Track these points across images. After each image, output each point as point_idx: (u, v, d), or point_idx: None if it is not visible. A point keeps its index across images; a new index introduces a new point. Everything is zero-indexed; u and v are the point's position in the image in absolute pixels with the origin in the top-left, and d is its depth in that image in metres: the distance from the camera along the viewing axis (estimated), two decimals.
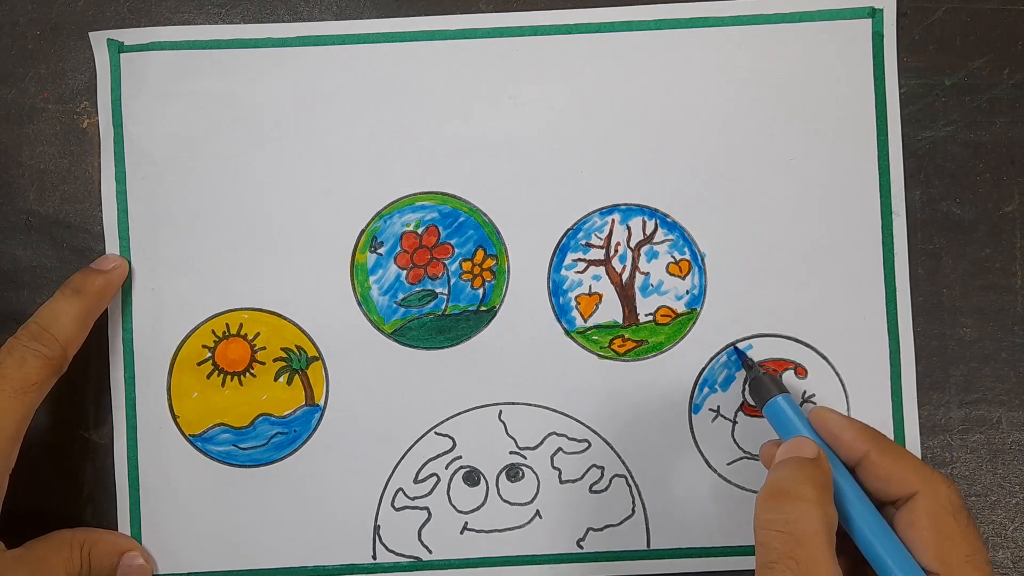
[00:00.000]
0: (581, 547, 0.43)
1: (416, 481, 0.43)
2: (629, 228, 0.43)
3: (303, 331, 0.43)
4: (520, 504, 0.43)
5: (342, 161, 0.43)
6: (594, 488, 0.43)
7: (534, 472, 0.43)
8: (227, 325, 0.43)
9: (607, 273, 0.43)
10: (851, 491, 0.36)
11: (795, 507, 0.33)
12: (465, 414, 0.43)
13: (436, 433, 0.43)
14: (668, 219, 0.43)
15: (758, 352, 0.43)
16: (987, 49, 0.43)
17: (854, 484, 0.36)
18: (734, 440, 0.43)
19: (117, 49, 0.43)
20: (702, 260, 0.43)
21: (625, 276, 0.43)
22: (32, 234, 0.43)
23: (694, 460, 0.43)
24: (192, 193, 0.43)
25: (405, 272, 0.43)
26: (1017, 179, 0.43)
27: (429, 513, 0.43)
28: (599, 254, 0.43)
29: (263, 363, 0.43)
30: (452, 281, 0.43)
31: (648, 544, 0.43)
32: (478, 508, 0.43)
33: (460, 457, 0.43)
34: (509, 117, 0.43)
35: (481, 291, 0.43)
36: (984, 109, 0.43)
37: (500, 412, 0.43)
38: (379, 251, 0.43)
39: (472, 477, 0.43)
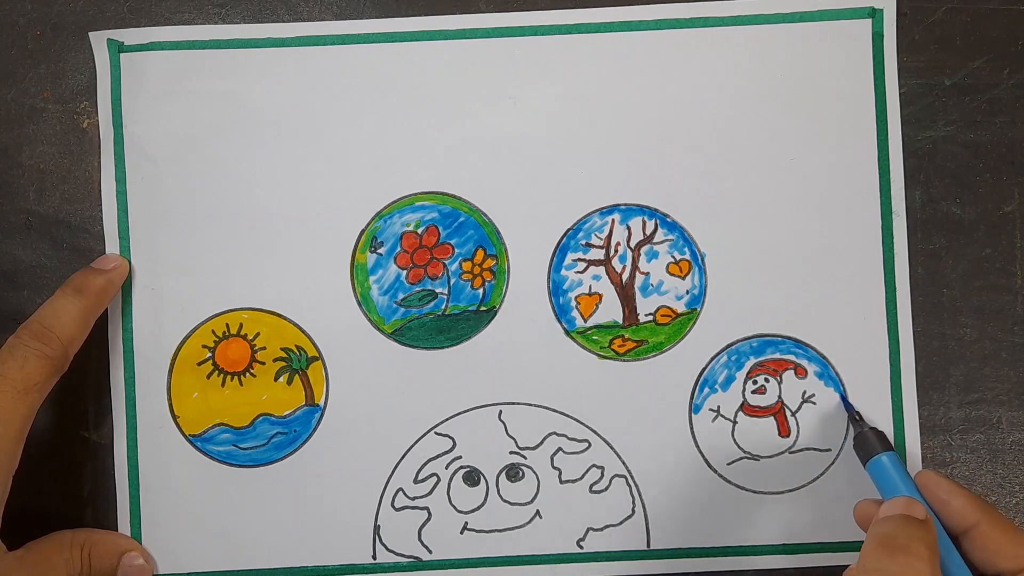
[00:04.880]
0: (581, 547, 0.43)
1: (416, 481, 0.43)
2: (629, 228, 0.43)
3: (303, 331, 0.43)
4: (520, 504, 0.43)
5: (342, 161, 0.43)
6: (594, 488, 0.43)
7: (534, 472, 0.43)
8: (227, 325, 0.43)
9: (607, 273, 0.43)
10: (953, 560, 0.35)
11: (908, 562, 0.33)
12: (465, 414, 0.43)
13: (436, 433, 0.43)
14: (668, 219, 0.43)
15: (758, 352, 0.43)
16: (987, 49, 0.43)
17: (955, 552, 0.36)
18: (734, 440, 0.43)
19: (117, 49, 0.43)
20: (702, 260, 0.43)
21: (625, 276, 0.43)
22: (32, 234, 0.43)
23: (694, 460, 0.43)
24: (192, 193, 0.43)
25: (405, 272, 0.43)
26: (1017, 179, 0.43)
27: (429, 513, 0.43)
28: (599, 254, 0.43)
29: (263, 363, 0.43)
30: (452, 281, 0.43)
31: (648, 544, 0.43)
32: (478, 508, 0.43)
33: (460, 457, 0.43)
34: (509, 117, 0.43)
35: (481, 291, 0.43)
36: (984, 109, 0.43)
37: (500, 412, 0.43)
38: (379, 251, 0.43)
39: (472, 477, 0.43)
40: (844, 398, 0.43)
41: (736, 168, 0.43)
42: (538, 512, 0.43)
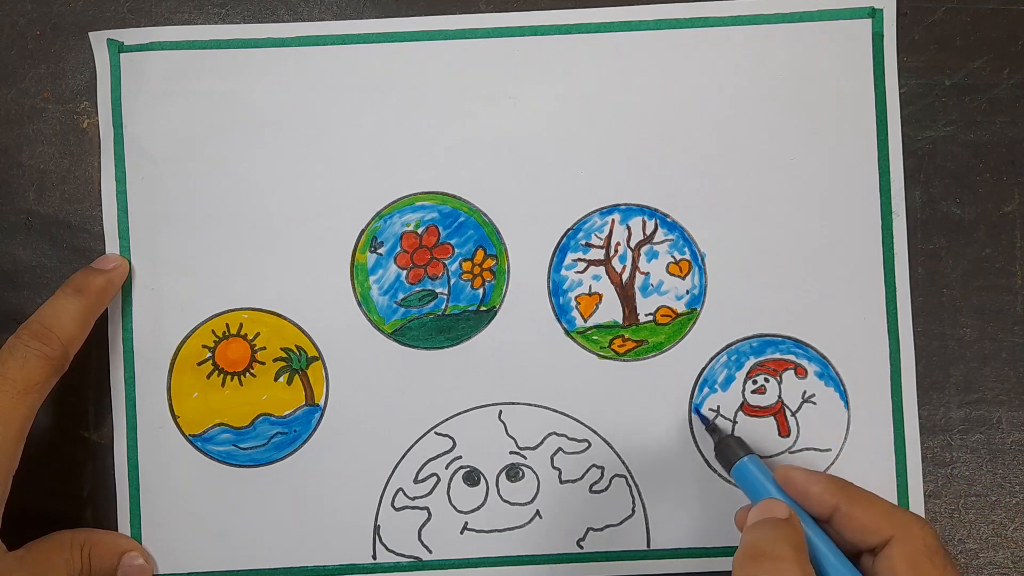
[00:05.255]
0: (581, 547, 0.43)
1: (416, 481, 0.43)
2: (629, 228, 0.43)
3: (303, 331, 0.43)
4: (520, 504, 0.43)
5: (342, 161, 0.43)
6: (594, 488, 0.43)
7: (534, 472, 0.43)
8: (227, 325, 0.43)
9: (607, 273, 0.43)
10: (825, 547, 0.36)
11: (774, 567, 0.33)
12: (465, 414, 0.43)
13: (436, 433, 0.43)
14: (668, 219, 0.43)
15: (758, 352, 0.43)
16: (987, 49, 0.43)
17: (827, 539, 0.36)
18: None
19: (117, 49, 0.43)
20: (702, 260, 0.43)
21: (625, 276, 0.43)
22: (32, 234, 0.43)
23: (694, 460, 0.43)
24: (192, 193, 0.43)
25: (405, 272, 0.43)
26: (1017, 179, 0.43)
27: (429, 513, 0.43)
28: (599, 254, 0.43)
29: (263, 363, 0.43)
30: (452, 281, 0.43)
31: (648, 544, 0.43)
32: (478, 508, 0.43)
33: (460, 457, 0.43)
34: (509, 117, 0.43)
35: (481, 291, 0.43)
36: (984, 109, 0.43)
37: (500, 412, 0.43)
38: (379, 251, 0.43)
39: (472, 477, 0.43)
40: (698, 410, 0.43)
41: (736, 168, 0.43)
42: (538, 512, 0.43)
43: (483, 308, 0.43)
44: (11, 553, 0.38)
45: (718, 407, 0.43)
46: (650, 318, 0.43)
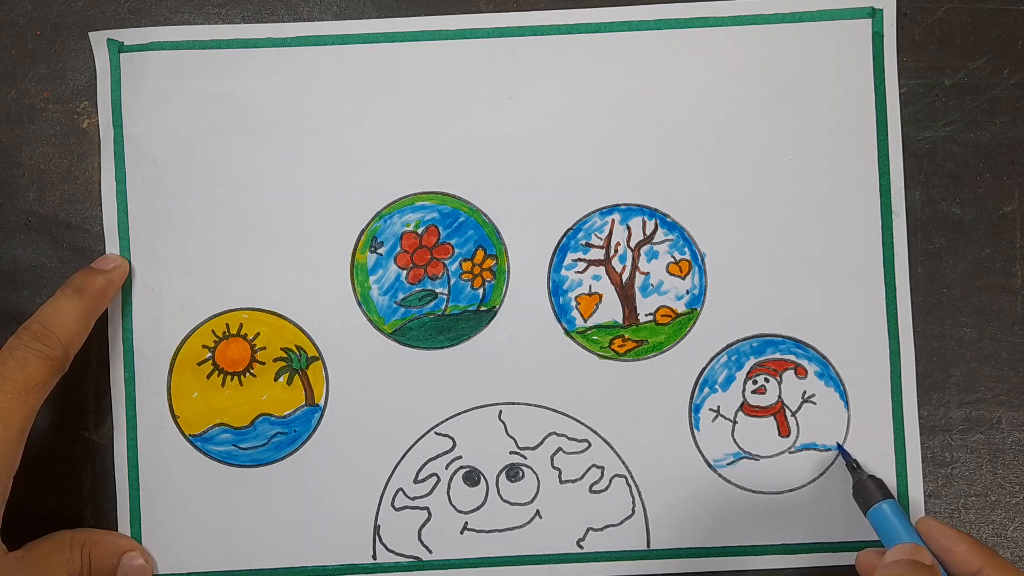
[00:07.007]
0: (581, 547, 0.43)
1: (416, 481, 0.43)
2: (629, 228, 0.43)
3: (303, 331, 0.43)
4: (520, 504, 0.43)
5: (342, 161, 0.43)
6: (594, 488, 0.43)
7: (534, 472, 0.43)
8: (227, 325, 0.43)
9: (607, 273, 0.43)
10: None
11: None
12: (465, 414, 0.43)
13: (436, 433, 0.43)
14: (668, 219, 0.43)
15: (758, 352, 0.43)
16: (987, 49, 0.43)
17: None
18: (734, 440, 0.43)
19: (117, 49, 0.43)
20: (702, 260, 0.43)
21: (625, 276, 0.43)
22: (32, 234, 0.43)
23: (694, 460, 0.43)
24: (192, 193, 0.43)
25: (405, 272, 0.43)
26: (1017, 179, 0.43)
27: (429, 513, 0.43)
28: (599, 254, 0.43)
29: (263, 363, 0.43)
30: (452, 281, 0.43)
31: (648, 544, 0.43)
32: (478, 508, 0.43)
33: (460, 457, 0.43)
34: (509, 117, 0.43)
35: (481, 291, 0.43)
36: (984, 109, 0.43)
37: (500, 412, 0.43)
38: (379, 251, 0.43)
39: (472, 477, 0.43)
40: (840, 446, 0.43)
41: (736, 168, 0.43)
42: (538, 512, 0.43)
43: (483, 308, 0.43)
44: (11, 553, 0.38)
45: (718, 407, 0.43)
46: (650, 318, 0.43)
